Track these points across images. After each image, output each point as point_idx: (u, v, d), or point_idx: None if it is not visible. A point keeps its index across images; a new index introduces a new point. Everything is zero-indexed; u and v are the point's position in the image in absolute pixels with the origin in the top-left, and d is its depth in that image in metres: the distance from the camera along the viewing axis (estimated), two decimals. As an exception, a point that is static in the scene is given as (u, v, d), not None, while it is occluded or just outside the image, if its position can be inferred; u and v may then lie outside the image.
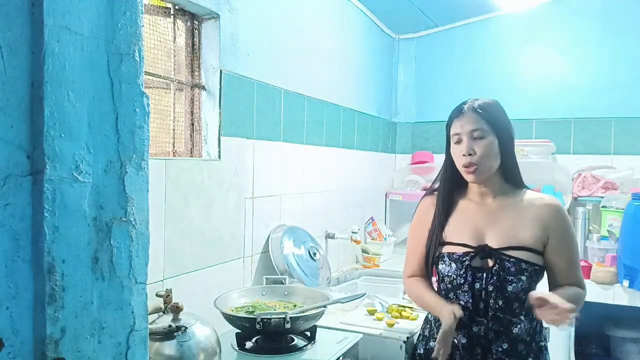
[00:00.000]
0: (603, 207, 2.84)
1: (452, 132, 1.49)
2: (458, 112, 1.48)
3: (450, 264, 1.47)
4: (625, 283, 2.51)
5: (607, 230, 2.75)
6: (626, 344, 2.82)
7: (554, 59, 3.25)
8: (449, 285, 1.48)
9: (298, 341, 1.67)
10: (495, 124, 1.45)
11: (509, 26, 3.37)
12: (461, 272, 1.45)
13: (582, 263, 2.70)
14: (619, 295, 2.56)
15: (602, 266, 2.64)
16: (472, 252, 1.45)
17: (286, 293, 1.83)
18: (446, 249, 1.49)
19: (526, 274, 1.40)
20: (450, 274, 1.47)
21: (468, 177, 1.47)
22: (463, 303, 1.44)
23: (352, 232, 2.78)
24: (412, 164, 3.59)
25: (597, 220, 2.90)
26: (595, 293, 2.58)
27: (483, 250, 1.44)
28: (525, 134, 3.25)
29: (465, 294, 1.45)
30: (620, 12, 3.08)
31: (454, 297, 1.47)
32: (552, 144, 3.12)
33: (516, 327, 1.42)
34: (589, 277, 2.63)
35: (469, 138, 1.44)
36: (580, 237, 2.89)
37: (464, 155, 1.44)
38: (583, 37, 3.18)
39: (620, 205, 2.74)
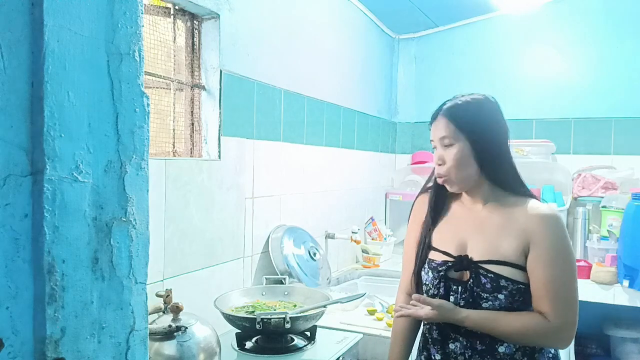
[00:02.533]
0: (603, 207, 2.85)
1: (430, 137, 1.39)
2: (433, 116, 1.38)
3: (428, 271, 1.36)
4: (625, 283, 2.51)
5: (607, 230, 2.75)
6: (626, 344, 2.82)
7: (554, 59, 3.25)
8: (424, 294, 1.37)
9: (298, 341, 1.67)
10: (466, 128, 1.29)
11: (509, 26, 3.37)
12: (435, 283, 1.33)
13: (582, 263, 2.72)
14: (619, 295, 2.56)
15: (602, 266, 2.64)
16: (450, 262, 1.33)
17: (286, 293, 1.83)
18: (430, 255, 1.38)
19: (505, 292, 1.24)
20: (427, 282, 1.36)
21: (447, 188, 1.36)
22: None
23: (352, 232, 2.78)
24: (412, 164, 3.59)
25: (597, 220, 2.91)
26: (595, 293, 2.58)
27: (460, 262, 1.31)
28: (525, 134, 3.26)
29: None
30: (620, 12, 3.08)
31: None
32: (552, 144, 3.12)
33: (502, 345, 1.27)
34: (589, 277, 2.63)
35: (440, 146, 1.34)
36: (580, 237, 2.90)
37: (438, 164, 1.34)
38: (583, 37, 3.18)
39: (620, 205, 2.74)
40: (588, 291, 2.56)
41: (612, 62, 3.10)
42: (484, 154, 1.30)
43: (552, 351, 1.33)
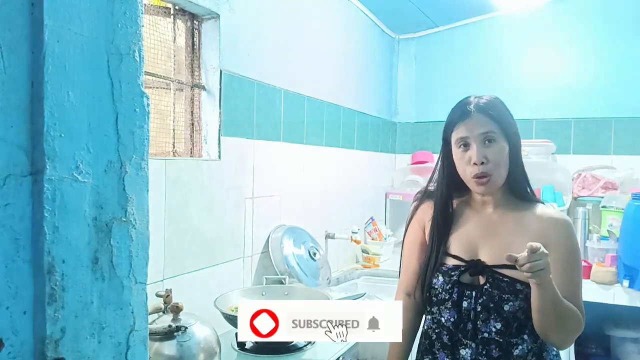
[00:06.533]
0: (603, 207, 2.84)
1: (455, 135, 1.30)
2: (463, 113, 1.29)
3: (438, 276, 1.33)
4: (625, 283, 2.51)
5: (607, 230, 2.75)
6: (626, 344, 2.82)
7: (554, 59, 3.25)
8: (434, 299, 1.35)
9: (298, 341, 1.67)
10: (506, 128, 1.28)
11: (509, 26, 3.37)
12: (447, 287, 1.30)
13: (582, 263, 2.71)
14: (619, 295, 2.55)
15: (602, 266, 2.64)
16: (462, 266, 1.31)
17: (286, 293, 1.82)
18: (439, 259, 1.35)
19: (521, 295, 1.24)
20: (436, 287, 1.33)
21: (478, 189, 1.29)
22: (444, 321, 1.31)
23: (352, 232, 2.78)
24: (412, 164, 3.59)
25: (597, 220, 2.90)
26: (595, 293, 2.58)
27: (475, 266, 1.29)
28: (525, 134, 3.22)
29: (448, 311, 1.30)
30: (620, 12, 3.08)
31: (437, 312, 1.34)
32: (552, 144, 3.12)
33: (517, 348, 1.26)
34: (589, 277, 2.63)
35: (479, 143, 1.26)
36: (581, 237, 2.89)
37: (474, 163, 1.26)
38: (583, 37, 3.18)
39: (620, 205, 2.74)
40: (588, 291, 2.55)
41: (612, 62, 3.10)
42: (514, 158, 1.30)
43: (555, 352, 1.34)
